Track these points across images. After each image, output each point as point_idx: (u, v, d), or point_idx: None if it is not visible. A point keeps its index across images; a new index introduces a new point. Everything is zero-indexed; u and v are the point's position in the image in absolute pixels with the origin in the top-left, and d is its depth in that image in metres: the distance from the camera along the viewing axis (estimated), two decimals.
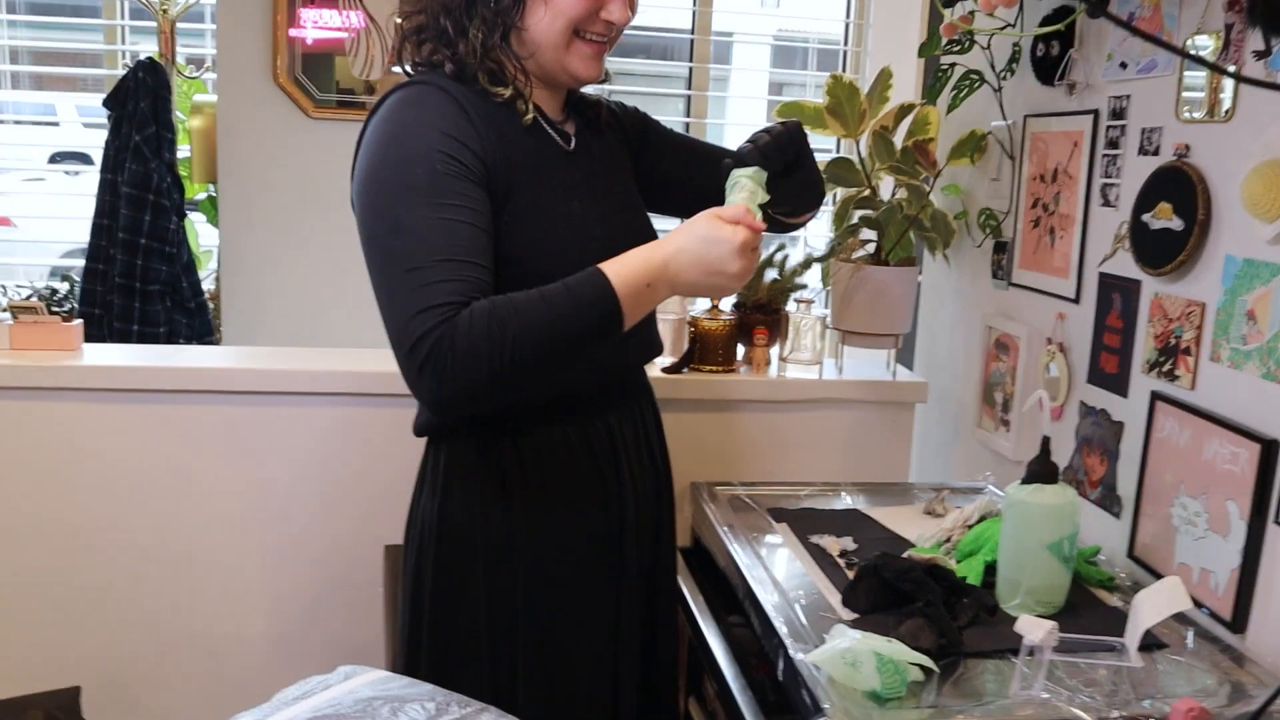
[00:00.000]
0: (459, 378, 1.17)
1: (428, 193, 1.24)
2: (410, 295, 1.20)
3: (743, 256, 1.23)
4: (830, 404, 2.12)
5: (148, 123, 2.91)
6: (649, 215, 1.56)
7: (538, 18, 1.34)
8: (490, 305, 1.19)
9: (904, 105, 2.11)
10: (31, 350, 1.99)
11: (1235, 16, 1.40)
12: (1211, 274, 1.49)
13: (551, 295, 1.21)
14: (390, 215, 1.25)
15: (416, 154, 1.26)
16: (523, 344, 1.17)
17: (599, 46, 1.38)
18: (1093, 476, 1.75)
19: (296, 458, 2.01)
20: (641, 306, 1.25)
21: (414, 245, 1.22)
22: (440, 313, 1.18)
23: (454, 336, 1.17)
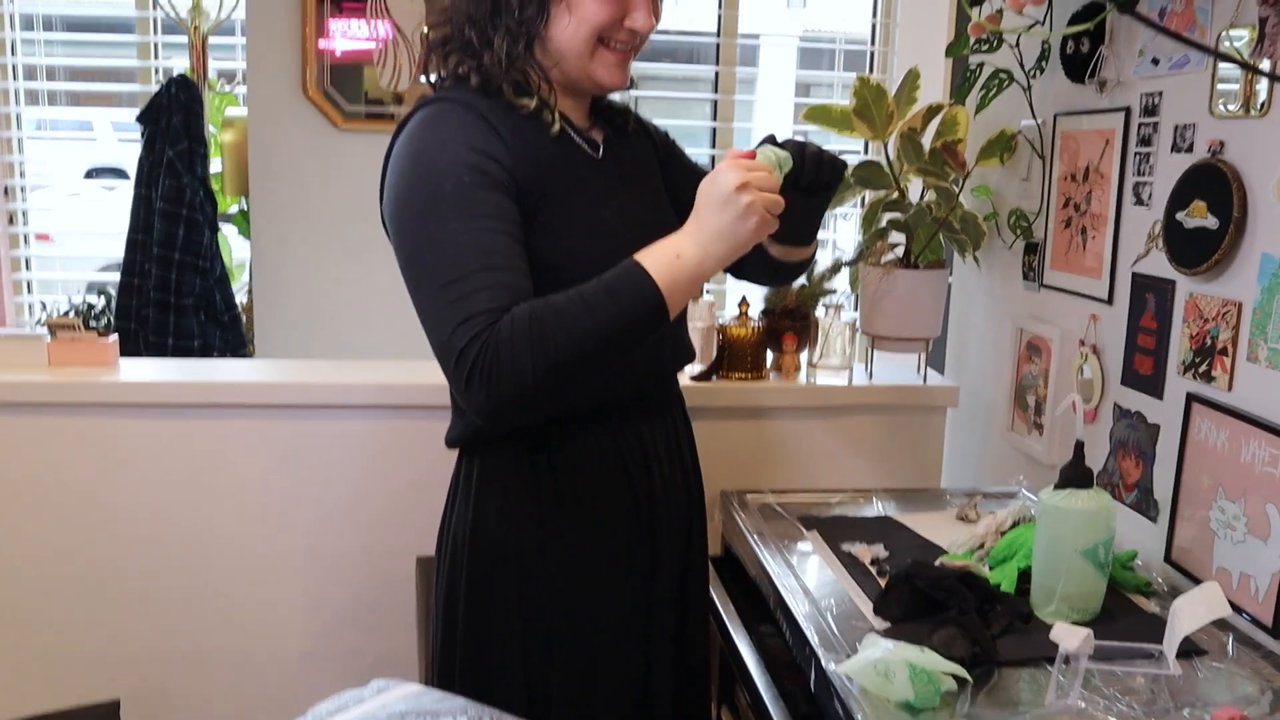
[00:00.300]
0: (507, 382, 1.17)
1: (457, 206, 1.24)
2: (450, 308, 1.20)
3: (734, 170, 1.22)
4: (861, 409, 2.10)
5: (180, 138, 2.94)
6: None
7: (562, 26, 1.34)
8: (530, 308, 1.19)
9: (932, 106, 2.10)
10: (70, 366, 2.02)
11: (1270, 9, 1.37)
12: (1248, 273, 1.46)
13: (588, 289, 1.21)
14: (423, 232, 1.25)
15: (443, 169, 1.26)
16: (567, 339, 1.17)
17: (623, 54, 1.38)
18: (1128, 480, 1.73)
19: (329, 470, 2.03)
20: (677, 282, 1.22)
21: (449, 259, 1.22)
22: (482, 320, 1.18)
23: (497, 342, 1.17)
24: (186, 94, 2.96)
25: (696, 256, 1.23)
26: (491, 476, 1.40)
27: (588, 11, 1.33)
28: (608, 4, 1.32)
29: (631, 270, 1.22)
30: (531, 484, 1.38)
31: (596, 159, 1.43)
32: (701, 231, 1.24)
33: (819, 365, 2.10)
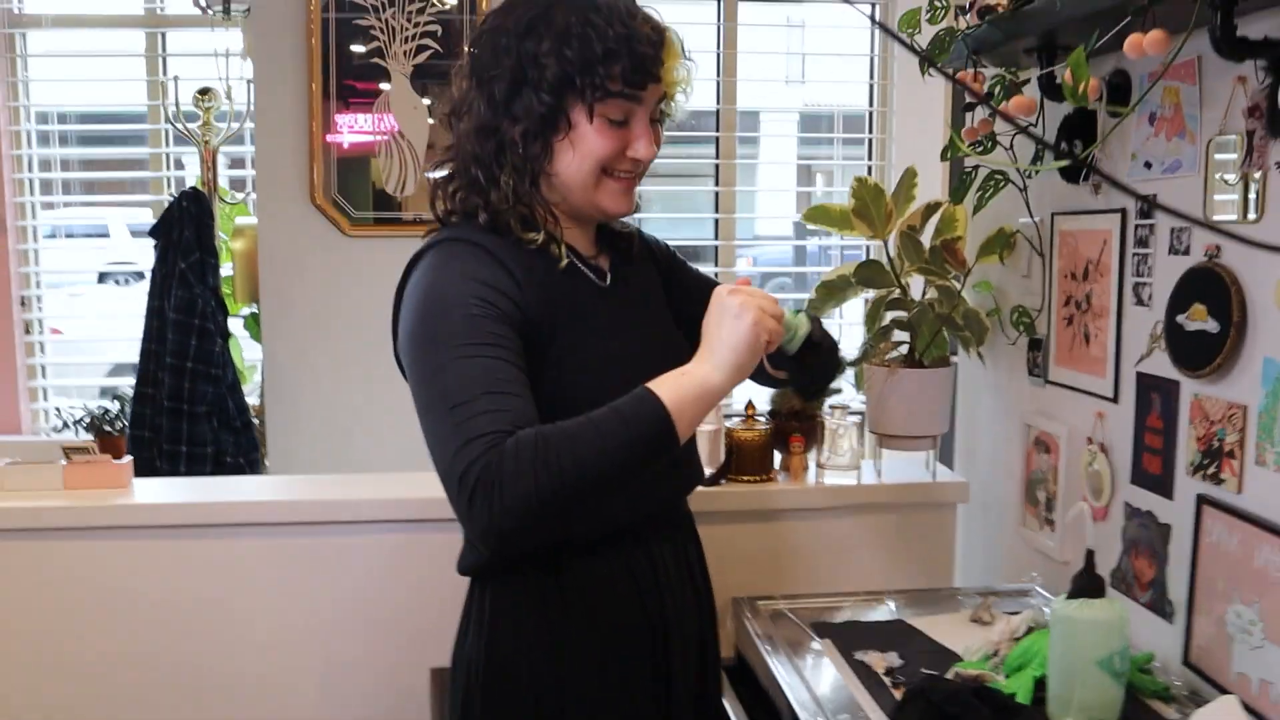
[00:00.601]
0: (510, 503, 1.15)
1: (467, 335, 1.26)
2: (454, 431, 1.20)
3: (731, 293, 1.27)
4: (871, 508, 2.10)
5: (192, 250, 3.00)
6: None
7: (566, 161, 1.37)
8: (535, 430, 1.19)
9: (930, 204, 2.12)
10: (85, 489, 2.04)
11: (1256, 123, 1.40)
12: (1251, 376, 1.47)
13: (596, 415, 1.21)
14: (431, 361, 1.27)
15: (453, 301, 1.29)
16: (572, 460, 1.16)
17: (628, 182, 1.40)
18: (1142, 579, 1.71)
19: (343, 585, 2.03)
20: (685, 399, 1.23)
21: (456, 384, 1.23)
22: (485, 442, 1.17)
23: (501, 461, 1.16)
24: (197, 207, 3.02)
25: (702, 371, 1.25)
26: (504, 604, 1.41)
27: (591, 146, 1.35)
28: (609, 137, 1.35)
29: (639, 393, 1.23)
30: (543, 610, 1.38)
31: (604, 288, 1.45)
32: (706, 351, 1.27)
33: (827, 465, 2.10)
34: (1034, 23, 1.64)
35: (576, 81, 1.32)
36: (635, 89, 1.33)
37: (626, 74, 1.32)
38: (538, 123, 1.34)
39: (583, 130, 1.35)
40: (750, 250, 7.16)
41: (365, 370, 3.02)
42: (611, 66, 1.31)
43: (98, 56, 3.78)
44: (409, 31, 3.08)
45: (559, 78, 1.32)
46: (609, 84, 1.32)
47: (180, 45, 3.55)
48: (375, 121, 3.10)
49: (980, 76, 1.82)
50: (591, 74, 1.31)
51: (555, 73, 1.32)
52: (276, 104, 3.05)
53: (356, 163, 3.09)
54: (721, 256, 3.46)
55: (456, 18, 3.10)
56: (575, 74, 1.31)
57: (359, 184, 3.09)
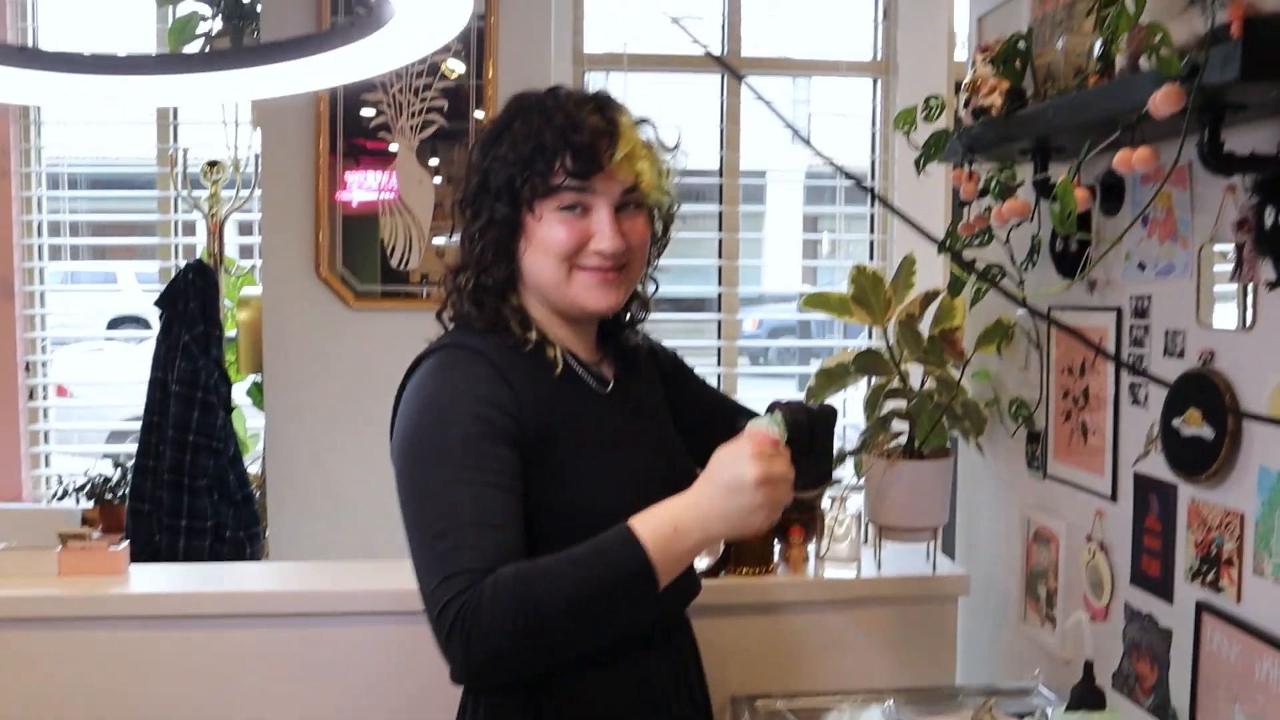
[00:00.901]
0: (485, 644, 1.17)
1: (459, 457, 1.26)
2: (438, 561, 1.22)
3: (757, 463, 1.20)
4: (871, 601, 2.08)
5: (197, 322, 3.01)
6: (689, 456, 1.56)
7: (532, 262, 1.39)
8: (516, 570, 1.19)
9: (929, 293, 2.13)
10: (80, 575, 2.03)
11: (1245, 236, 1.40)
12: (1247, 484, 1.45)
13: (578, 555, 1.21)
14: (422, 479, 1.28)
15: (449, 419, 1.29)
16: (549, 607, 1.17)
17: (601, 274, 1.38)
18: (1145, 684, 1.69)
19: (343, 676, 2.00)
20: (672, 555, 1.22)
21: (441, 511, 1.24)
22: (465, 579, 1.18)
23: (479, 603, 1.17)
24: (203, 279, 3.04)
25: (695, 535, 1.23)
26: (497, 717, 1.39)
27: (547, 243, 1.36)
28: (568, 228, 1.36)
29: (624, 536, 1.21)
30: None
31: (604, 395, 1.44)
32: (707, 511, 1.23)
33: (827, 557, 2.09)
34: (1027, 128, 1.65)
35: (517, 182, 1.35)
36: (579, 179, 1.34)
37: (566, 166, 1.33)
38: (502, 230, 1.37)
39: (538, 227, 1.36)
40: (756, 311, 7.18)
41: (368, 444, 3.00)
42: (551, 161, 1.33)
43: (109, 121, 3.83)
44: (415, 106, 3.11)
45: (507, 181, 1.35)
46: (550, 178, 1.34)
47: (191, 111, 3.60)
48: (384, 180, 3.12)
49: (975, 174, 1.83)
50: (530, 171, 1.34)
51: (503, 177, 1.35)
52: (283, 174, 3.08)
53: (365, 224, 3.10)
54: (725, 329, 3.47)
55: (464, 84, 3.13)
56: (518, 175, 1.35)
57: (367, 251, 3.10)
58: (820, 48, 3.58)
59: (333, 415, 3.08)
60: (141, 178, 3.84)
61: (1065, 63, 1.63)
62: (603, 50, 3.40)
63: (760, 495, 1.21)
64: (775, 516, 1.24)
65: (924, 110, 1.80)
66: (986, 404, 2.09)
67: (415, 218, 3.12)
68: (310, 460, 3.10)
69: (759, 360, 6.51)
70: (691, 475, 1.48)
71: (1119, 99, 1.38)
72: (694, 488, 1.25)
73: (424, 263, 3.11)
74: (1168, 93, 1.22)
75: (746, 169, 3.55)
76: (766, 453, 1.22)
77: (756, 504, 1.21)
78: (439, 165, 3.12)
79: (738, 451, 1.23)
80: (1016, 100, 1.72)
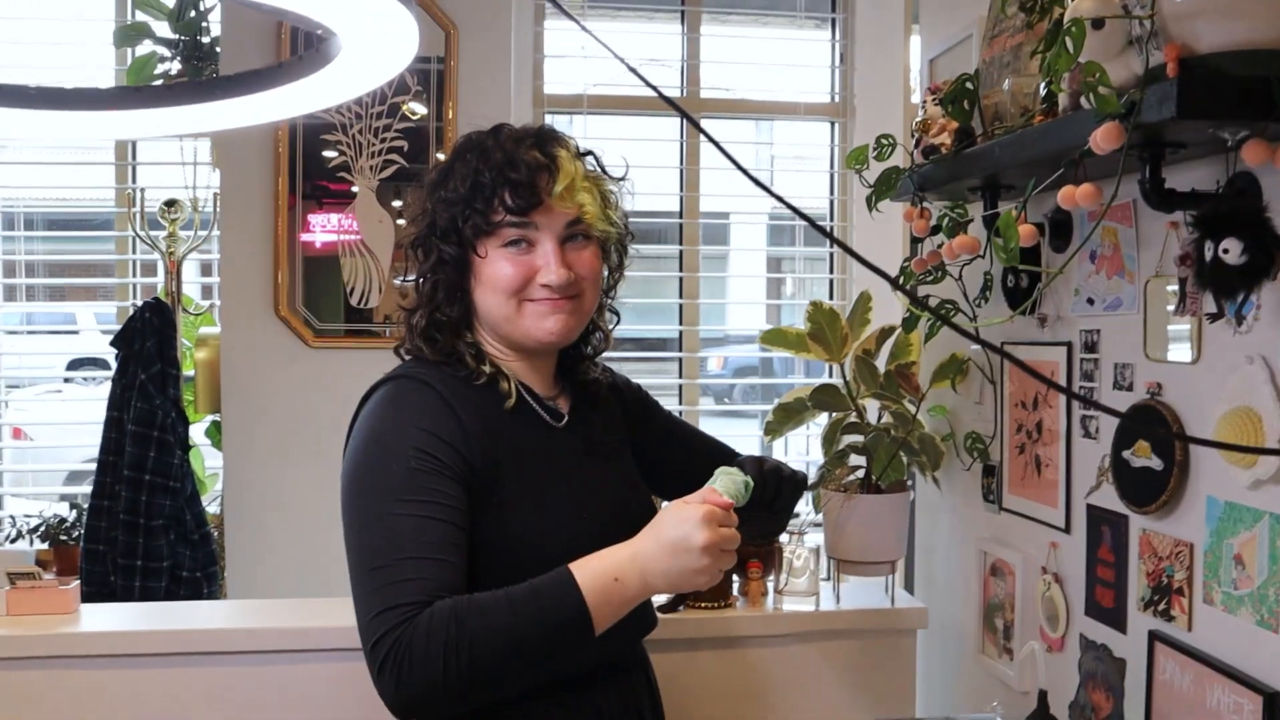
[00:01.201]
0: (415, 680, 1.18)
1: (401, 490, 1.27)
2: (374, 594, 1.23)
3: (706, 529, 1.22)
4: (830, 635, 2.09)
5: (153, 361, 2.98)
6: (649, 494, 1.56)
7: (482, 297, 1.41)
8: (452, 605, 1.20)
9: (884, 329, 2.15)
10: (28, 615, 1.99)
11: (1188, 270, 1.43)
12: (1195, 515, 1.48)
13: (516, 595, 1.22)
14: (365, 512, 1.28)
15: (393, 451, 1.29)
16: (482, 645, 1.18)
17: (550, 304, 1.39)
18: (1100, 714, 1.70)
19: (300, 715, 1.98)
20: (611, 604, 1.24)
21: (381, 542, 1.25)
22: (400, 613, 1.20)
23: (412, 637, 1.18)
24: (160, 318, 3.02)
25: (635, 586, 1.25)
26: None
27: (494, 280, 1.38)
28: (513, 264, 1.38)
29: (563, 581, 1.23)
30: None
31: (557, 429, 1.44)
32: (649, 564, 1.24)
33: (785, 591, 2.09)
34: (975, 166, 1.68)
35: (459, 222, 1.37)
36: (518, 214, 1.36)
37: (506, 203, 1.35)
38: (451, 269, 1.39)
39: (485, 265, 1.38)
40: (720, 350, 7.21)
41: (327, 483, 2.98)
42: (490, 199, 1.36)
43: (67, 162, 3.81)
44: (375, 146, 3.12)
45: (450, 221, 1.38)
46: (491, 216, 1.36)
47: (150, 151, 3.59)
48: (347, 222, 3.12)
49: (926, 212, 1.86)
50: (471, 210, 1.36)
51: (446, 218, 1.38)
52: (242, 213, 3.07)
53: (327, 264, 3.10)
54: (686, 367, 3.48)
55: (424, 126, 3.15)
56: (459, 215, 1.37)
57: (330, 289, 3.09)
58: (779, 91, 3.63)
59: (291, 454, 3.05)
60: (99, 218, 3.81)
61: (1012, 103, 1.67)
62: (563, 91, 3.44)
63: (705, 559, 1.23)
64: (717, 579, 1.27)
65: (875, 149, 1.84)
66: (942, 438, 2.11)
67: (375, 257, 3.12)
68: (269, 499, 3.06)
69: (724, 400, 6.53)
70: (650, 511, 1.49)
71: (1062, 136, 1.42)
72: (641, 539, 1.27)
73: (385, 302, 3.11)
74: (1107, 130, 1.26)
75: (709, 210, 3.59)
76: (716, 517, 1.24)
77: (700, 567, 1.24)
78: (401, 207, 3.13)
79: (688, 514, 1.24)
80: (966, 139, 1.75)
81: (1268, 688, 1.34)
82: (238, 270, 3.08)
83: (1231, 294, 1.27)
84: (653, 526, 1.27)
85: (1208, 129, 1.25)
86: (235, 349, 3.08)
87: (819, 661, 2.09)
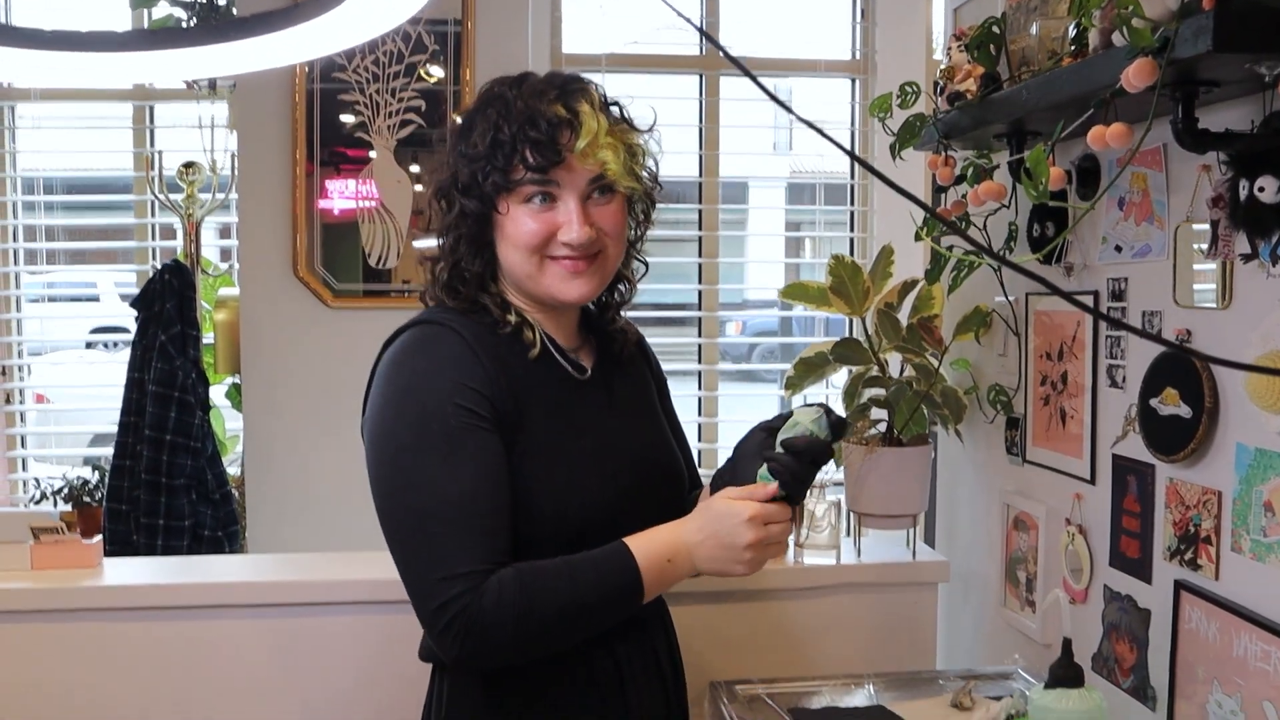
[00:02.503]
0: (484, 645, 1.23)
1: (445, 449, 1.27)
2: (432, 558, 1.24)
3: (752, 529, 1.30)
4: (851, 588, 2.08)
5: (173, 322, 2.99)
6: (678, 448, 1.56)
7: (505, 254, 1.39)
8: (517, 576, 1.24)
9: (907, 282, 2.13)
10: (53, 569, 2.01)
11: (1220, 213, 1.41)
12: (1224, 462, 1.46)
13: (577, 567, 1.27)
14: (407, 472, 1.28)
15: (429, 406, 1.28)
16: (548, 615, 1.24)
17: (572, 264, 1.37)
18: (1124, 665, 1.69)
19: (320, 667, 1.99)
20: (664, 581, 1.32)
21: (433, 506, 1.25)
22: (465, 581, 1.23)
23: (481, 607, 1.22)
24: (179, 280, 3.02)
25: (684, 569, 1.33)
26: (462, 699, 1.38)
27: (515, 237, 1.36)
28: (535, 220, 1.35)
29: (623, 557, 1.29)
30: (502, 709, 1.36)
31: (580, 381, 1.43)
32: (699, 553, 1.32)
33: (806, 545, 2.08)
34: (1002, 110, 1.66)
35: (480, 177, 1.34)
36: (539, 172, 1.33)
37: (524, 160, 1.33)
38: (473, 223, 1.37)
39: (506, 220, 1.36)
40: (740, 315, 7.19)
41: (347, 443, 2.99)
42: (510, 156, 1.33)
43: (86, 128, 3.81)
44: (393, 106, 3.10)
45: (471, 176, 1.35)
46: (510, 173, 1.33)
47: (167, 117, 3.58)
48: (364, 188, 3.11)
49: (951, 160, 1.84)
50: (491, 166, 1.33)
51: (467, 173, 1.35)
52: (261, 176, 3.07)
53: (347, 229, 3.09)
54: (705, 326, 3.47)
55: (441, 89, 3.13)
56: (479, 171, 1.34)
57: (349, 252, 3.09)
58: (799, 48, 3.58)
59: (311, 414, 3.06)
60: (118, 183, 3.81)
61: (1040, 47, 1.64)
62: (582, 51, 3.41)
63: (749, 554, 1.31)
64: (758, 569, 1.34)
65: (899, 97, 1.81)
66: (965, 391, 2.09)
67: (394, 218, 3.11)
68: (289, 459, 3.07)
69: (742, 363, 6.52)
70: (675, 467, 1.48)
71: (1092, 76, 1.39)
72: (692, 526, 1.33)
73: (404, 264, 3.10)
74: (1140, 66, 1.23)
75: (728, 177, 3.55)
76: (767, 515, 1.31)
77: (744, 559, 1.31)
78: (420, 171, 3.11)
79: (736, 511, 1.30)
80: (991, 85, 1.73)
81: None
82: (256, 232, 3.07)
83: (1266, 233, 1.24)
84: (705, 515, 1.32)
85: (1244, 64, 1.22)
86: (254, 310, 3.08)
87: (839, 615, 2.09)
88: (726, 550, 1.31)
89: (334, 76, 3.06)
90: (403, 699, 1.92)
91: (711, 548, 1.31)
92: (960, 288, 2.00)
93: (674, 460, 1.51)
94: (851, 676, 1.89)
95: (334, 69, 3.05)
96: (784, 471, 1.33)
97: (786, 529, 1.34)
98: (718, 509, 1.32)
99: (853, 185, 3.55)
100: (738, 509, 1.30)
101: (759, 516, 1.30)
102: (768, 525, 1.31)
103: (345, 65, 3.06)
